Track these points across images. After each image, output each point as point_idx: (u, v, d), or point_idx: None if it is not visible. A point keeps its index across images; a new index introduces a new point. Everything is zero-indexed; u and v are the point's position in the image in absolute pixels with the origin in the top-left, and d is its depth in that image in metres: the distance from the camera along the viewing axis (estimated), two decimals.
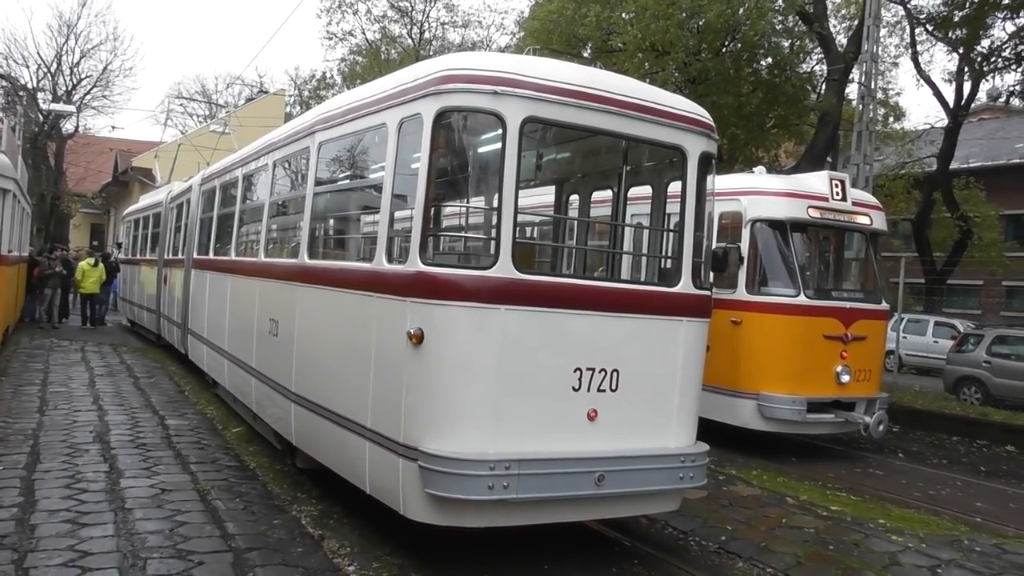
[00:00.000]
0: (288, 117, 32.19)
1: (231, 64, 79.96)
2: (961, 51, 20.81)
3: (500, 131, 4.86)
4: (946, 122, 22.87)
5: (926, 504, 8.28)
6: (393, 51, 33.28)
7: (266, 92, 42.88)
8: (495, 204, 4.95)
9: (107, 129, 41.03)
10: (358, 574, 5.04)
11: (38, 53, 38.47)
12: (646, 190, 6.72)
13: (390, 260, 5.28)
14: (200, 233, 11.98)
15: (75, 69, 38.05)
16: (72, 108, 36.19)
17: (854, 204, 10.42)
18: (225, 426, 9.24)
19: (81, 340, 17.13)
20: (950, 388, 16.19)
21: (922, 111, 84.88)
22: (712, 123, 5.80)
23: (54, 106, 34.29)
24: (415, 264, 4.90)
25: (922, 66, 23.12)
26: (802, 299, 9.73)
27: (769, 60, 18.92)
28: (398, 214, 5.50)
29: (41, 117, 37.44)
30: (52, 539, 5.15)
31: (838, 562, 6.06)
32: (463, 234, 7.17)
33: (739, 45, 18.19)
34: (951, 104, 22.44)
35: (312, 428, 6.32)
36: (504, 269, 4.81)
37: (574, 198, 7.82)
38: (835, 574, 5.81)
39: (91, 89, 38.76)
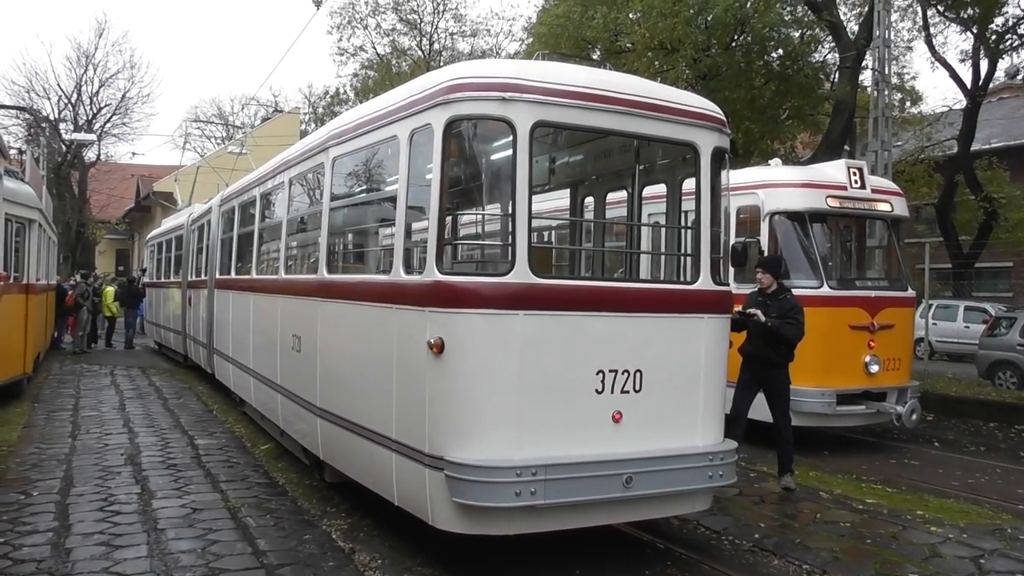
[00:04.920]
0: (303, 135, 32.45)
1: (245, 85, 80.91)
2: (975, 30, 20.47)
3: (510, 137, 4.86)
4: (964, 103, 22.48)
5: (965, 493, 8.12)
6: (404, 64, 33.46)
7: (281, 111, 43.41)
8: (509, 210, 4.95)
9: (128, 156, 41.88)
10: None
11: (58, 85, 39.27)
12: (661, 189, 6.69)
13: (408, 271, 5.30)
14: (221, 253, 12.11)
15: (95, 98, 38.91)
16: (93, 137, 36.99)
17: (873, 191, 10.29)
18: (254, 443, 9.31)
19: (110, 364, 17.36)
20: (984, 373, 15.87)
21: (939, 93, 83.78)
22: (723, 117, 5.76)
23: (76, 136, 35.05)
24: (432, 274, 4.90)
25: (936, 48, 22.72)
26: (825, 290, 9.61)
27: (780, 52, 18.76)
28: (414, 225, 5.52)
29: (64, 147, 38.28)
30: (87, 562, 5.21)
31: (877, 556, 5.95)
32: (479, 242, 7.17)
33: (749, 38, 18.06)
34: (968, 85, 22.04)
35: (338, 442, 6.34)
36: (521, 274, 4.80)
37: (589, 200, 7.80)
38: (874, 568, 5.70)
39: (111, 117, 39.65)
